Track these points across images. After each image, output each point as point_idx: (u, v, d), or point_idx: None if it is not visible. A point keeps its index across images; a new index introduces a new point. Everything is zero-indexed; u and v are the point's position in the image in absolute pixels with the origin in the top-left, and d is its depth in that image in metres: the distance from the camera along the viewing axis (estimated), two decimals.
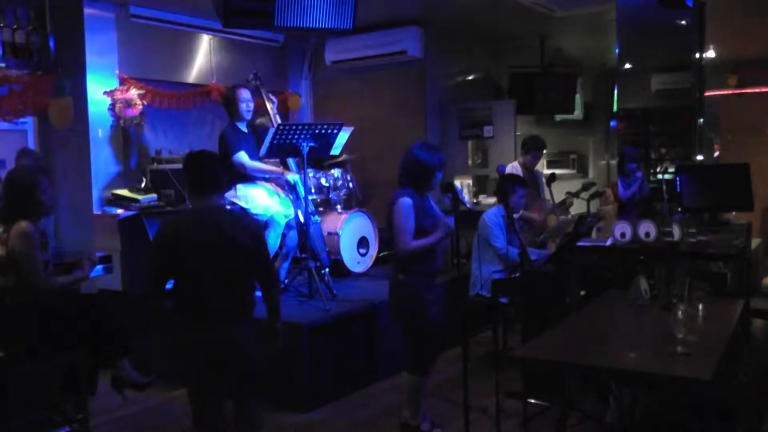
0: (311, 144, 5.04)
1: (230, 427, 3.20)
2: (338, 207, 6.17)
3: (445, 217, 3.94)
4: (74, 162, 6.04)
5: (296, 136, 5.00)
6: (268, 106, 5.66)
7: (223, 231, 3.12)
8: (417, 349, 3.94)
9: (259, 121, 5.71)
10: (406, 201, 3.80)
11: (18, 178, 3.86)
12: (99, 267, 4.54)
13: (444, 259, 4.62)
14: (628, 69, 6.68)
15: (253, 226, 3.32)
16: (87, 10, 5.93)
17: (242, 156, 5.22)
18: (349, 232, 6.01)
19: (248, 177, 5.31)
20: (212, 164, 3.26)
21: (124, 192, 5.90)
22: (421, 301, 3.86)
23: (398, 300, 3.95)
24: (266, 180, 5.42)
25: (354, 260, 6.07)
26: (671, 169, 6.48)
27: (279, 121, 5.64)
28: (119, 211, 5.78)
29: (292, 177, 5.34)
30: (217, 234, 3.11)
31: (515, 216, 5.07)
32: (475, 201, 7.37)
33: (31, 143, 6.11)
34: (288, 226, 5.41)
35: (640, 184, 6.30)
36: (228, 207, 4.20)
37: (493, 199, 6.97)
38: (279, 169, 5.43)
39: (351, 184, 6.30)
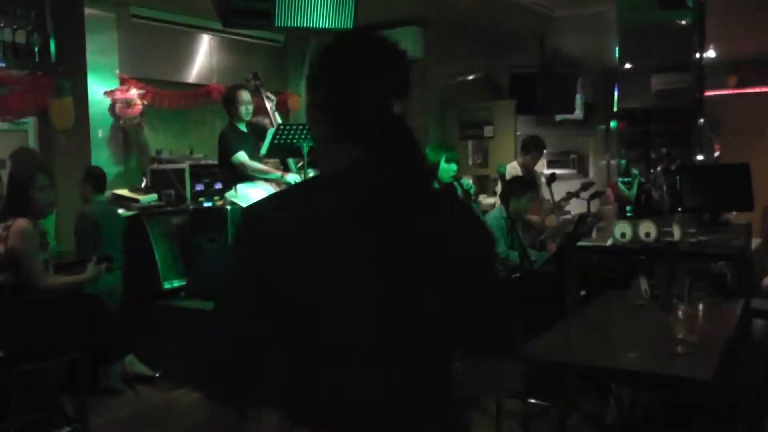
0: (311, 144, 5.04)
1: None
2: None
3: None
4: (74, 162, 6.04)
5: (297, 136, 5.00)
6: (268, 105, 5.66)
7: (117, 216, 5.19)
8: None
9: (255, 119, 5.71)
10: None
11: (16, 175, 3.87)
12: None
13: None
14: (628, 69, 6.68)
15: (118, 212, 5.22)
16: (87, 10, 5.94)
17: (242, 156, 5.22)
18: None
19: (248, 177, 5.31)
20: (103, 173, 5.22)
21: (124, 192, 5.90)
22: None
23: None
24: (266, 180, 5.42)
25: None
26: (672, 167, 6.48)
27: (279, 120, 5.64)
28: (119, 211, 5.78)
29: (292, 178, 5.33)
30: (113, 218, 5.09)
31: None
32: (474, 201, 7.37)
33: (32, 143, 6.11)
34: None
35: (638, 184, 6.31)
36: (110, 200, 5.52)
37: (493, 199, 6.97)
38: (279, 171, 5.43)
39: None
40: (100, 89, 6.01)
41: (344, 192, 1.23)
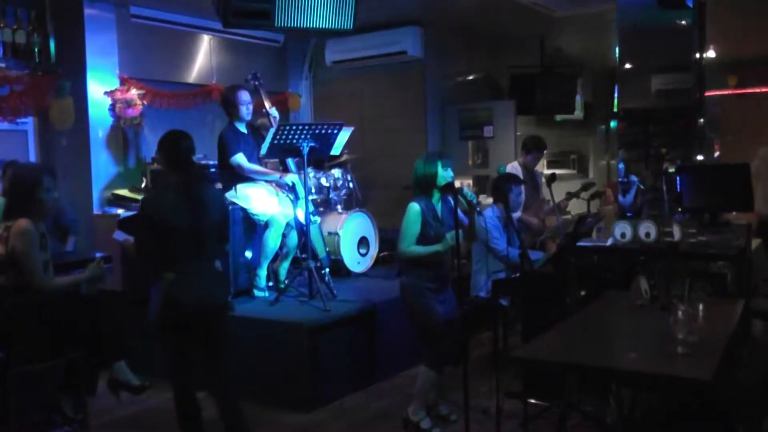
0: (311, 144, 5.04)
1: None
2: (338, 207, 6.17)
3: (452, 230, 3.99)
4: (74, 162, 6.05)
5: (296, 136, 5.00)
6: (267, 106, 5.65)
7: None
8: (429, 346, 4.08)
9: (259, 121, 5.71)
10: (414, 206, 4.02)
11: (21, 176, 3.87)
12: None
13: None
14: (628, 69, 6.67)
15: None
16: (87, 11, 5.95)
17: (240, 158, 5.22)
18: (350, 232, 6.01)
19: (248, 177, 5.31)
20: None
21: (124, 192, 5.90)
22: (422, 301, 4.03)
23: (403, 300, 4.16)
24: (266, 180, 5.42)
25: (354, 260, 6.07)
26: (671, 170, 6.48)
27: (275, 116, 5.62)
28: (119, 211, 5.78)
29: (290, 179, 5.32)
30: None
31: (514, 216, 5.06)
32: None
33: (32, 143, 6.11)
34: (288, 226, 5.41)
35: (636, 190, 6.29)
36: None
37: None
38: (277, 172, 5.42)
39: (351, 184, 6.30)
40: (100, 89, 6.02)
41: (175, 190, 3.48)
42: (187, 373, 3.61)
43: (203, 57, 7.03)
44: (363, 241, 6.17)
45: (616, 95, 7.30)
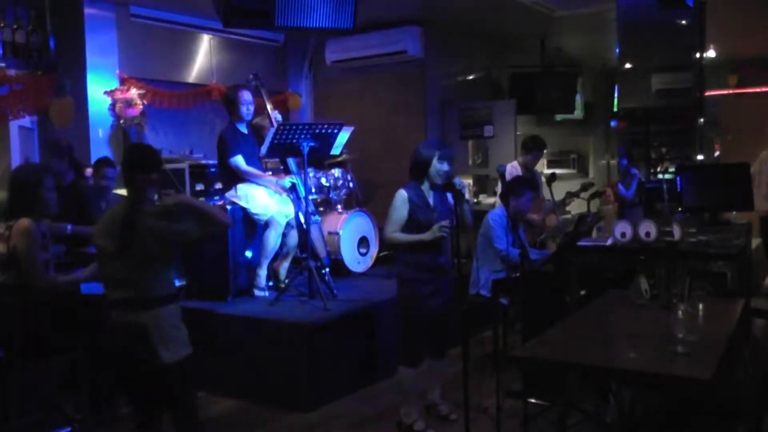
0: (311, 144, 5.03)
1: None
2: (338, 207, 6.17)
3: (444, 219, 3.93)
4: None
5: (296, 136, 5.00)
6: (269, 106, 5.65)
7: None
8: (405, 339, 4.05)
9: (256, 120, 5.70)
10: (401, 193, 3.98)
11: (23, 175, 3.87)
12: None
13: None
14: (628, 69, 6.68)
15: None
16: (87, 10, 5.95)
17: (238, 160, 5.22)
18: (350, 232, 6.01)
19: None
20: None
21: (124, 192, 5.88)
22: (410, 291, 4.00)
23: (397, 289, 4.12)
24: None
25: (354, 260, 6.07)
26: (671, 169, 6.49)
27: (279, 120, 5.62)
28: None
29: (287, 181, 5.31)
30: None
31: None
32: (475, 201, 7.37)
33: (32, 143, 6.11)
34: (288, 225, 5.41)
35: (638, 182, 6.30)
36: None
37: (493, 199, 6.97)
38: (273, 177, 5.41)
39: (351, 184, 6.30)
40: (100, 89, 6.02)
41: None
42: None
43: (203, 57, 7.03)
44: (363, 241, 6.17)
45: (616, 95, 7.31)
